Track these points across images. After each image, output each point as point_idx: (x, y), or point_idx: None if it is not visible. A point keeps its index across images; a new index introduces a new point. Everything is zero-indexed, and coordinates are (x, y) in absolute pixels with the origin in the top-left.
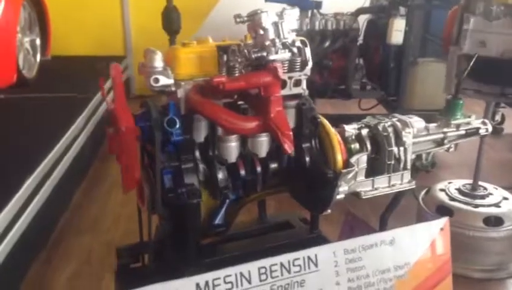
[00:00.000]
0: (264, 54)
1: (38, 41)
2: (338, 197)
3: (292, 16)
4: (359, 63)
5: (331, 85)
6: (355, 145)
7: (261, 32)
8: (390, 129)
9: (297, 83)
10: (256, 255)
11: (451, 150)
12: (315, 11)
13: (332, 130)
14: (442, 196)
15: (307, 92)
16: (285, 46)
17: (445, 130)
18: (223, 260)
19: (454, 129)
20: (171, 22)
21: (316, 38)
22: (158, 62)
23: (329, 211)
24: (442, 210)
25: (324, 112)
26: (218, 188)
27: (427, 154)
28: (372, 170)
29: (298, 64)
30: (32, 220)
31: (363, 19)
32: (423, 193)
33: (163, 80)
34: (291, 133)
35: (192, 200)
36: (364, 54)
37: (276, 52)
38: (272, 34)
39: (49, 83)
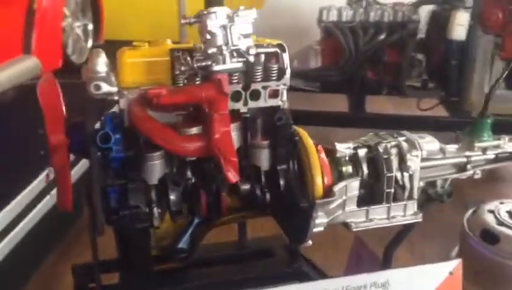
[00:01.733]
0: (209, 63)
1: (90, 26)
2: (316, 229)
3: (247, 17)
4: (417, 59)
5: (386, 82)
6: (348, 168)
7: (208, 37)
8: (393, 151)
9: (275, 94)
10: (218, 287)
11: (477, 176)
12: (372, 0)
13: (312, 149)
14: (490, 219)
15: (286, 105)
16: (238, 54)
17: (468, 153)
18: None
19: (480, 153)
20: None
21: (369, 30)
22: (101, 66)
23: (309, 242)
24: (487, 235)
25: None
26: (171, 211)
27: (443, 181)
28: (371, 198)
29: (274, 72)
30: None
31: (426, 11)
32: (470, 212)
33: (106, 87)
34: (236, 159)
35: (136, 225)
36: (425, 49)
37: (224, 62)
38: (220, 40)
39: None
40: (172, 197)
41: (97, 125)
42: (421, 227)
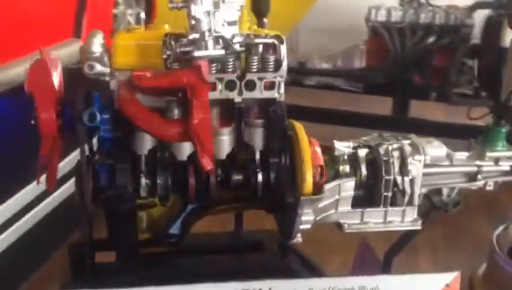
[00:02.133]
0: (190, 48)
1: (143, 15)
2: (302, 227)
3: (233, 4)
4: (467, 65)
5: (434, 87)
6: (345, 168)
7: (193, 22)
8: (395, 154)
9: (271, 86)
10: (204, 275)
11: (489, 188)
12: (424, 1)
13: (305, 145)
14: None
15: (282, 98)
16: (224, 42)
17: (478, 163)
18: (164, 274)
19: (491, 163)
20: (258, 2)
21: (418, 32)
22: (96, 47)
23: (299, 239)
24: None
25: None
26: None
27: (450, 189)
28: (369, 201)
29: (271, 63)
30: None
31: (481, 15)
32: (501, 228)
33: (99, 68)
34: (212, 146)
35: (120, 205)
36: (478, 55)
37: (206, 48)
38: (204, 26)
39: None
40: (159, 181)
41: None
42: (452, 239)
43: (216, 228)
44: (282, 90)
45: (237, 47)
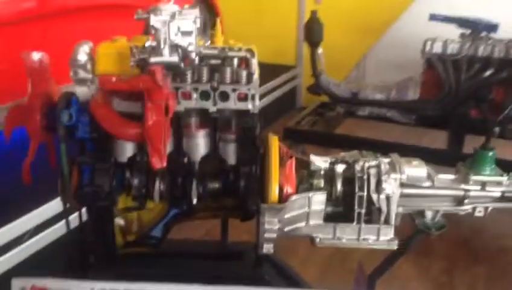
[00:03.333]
0: (146, 56)
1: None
2: (267, 235)
3: (188, 15)
4: None
5: (492, 122)
6: (319, 182)
7: (152, 31)
8: (372, 171)
9: (245, 98)
10: (178, 278)
11: (478, 214)
12: (483, 34)
13: (274, 156)
14: None
15: (256, 110)
16: (183, 51)
17: (464, 186)
18: (137, 273)
19: (477, 187)
20: (311, 33)
21: (475, 66)
22: (81, 55)
23: (269, 249)
24: None
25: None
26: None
27: (434, 212)
28: (345, 217)
29: (243, 76)
30: None
31: None
32: None
33: (82, 74)
34: (161, 147)
35: (96, 203)
36: None
37: (162, 55)
38: (162, 35)
39: None
40: (135, 182)
41: None
42: (493, 279)
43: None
44: (256, 102)
45: (193, 56)
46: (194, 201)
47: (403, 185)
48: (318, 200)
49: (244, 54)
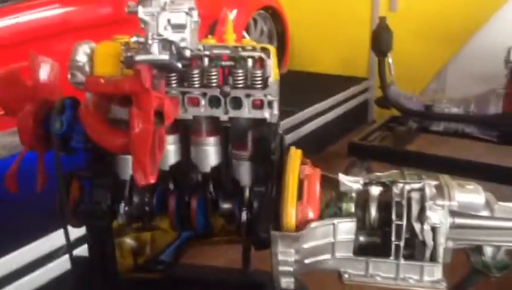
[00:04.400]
0: (132, 53)
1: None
2: (282, 268)
3: (180, 6)
4: None
5: None
6: (349, 206)
7: (142, 26)
8: (414, 195)
9: (260, 105)
10: None
11: None
12: None
13: (293, 173)
14: None
15: (275, 119)
16: (177, 49)
17: None
18: None
19: None
20: (379, 41)
21: None
22: (80, 56)
23: (289, 283)
24: None
25: None
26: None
27: (495, 249)
28: (383, 250)
29: (258, 79)
30: None
31: None
32: None
33: (80, 77)
34: (147, 160)
35: (92, 222)
36: None
37: (148, 52)
38: (151, 29)
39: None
40: (135, 199)
41: None
42: None
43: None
44: (274, 111)
45: (187, 54)
46: (202, 221)
47: (453, 213)
48: (346, 229)
49: (259, 53)
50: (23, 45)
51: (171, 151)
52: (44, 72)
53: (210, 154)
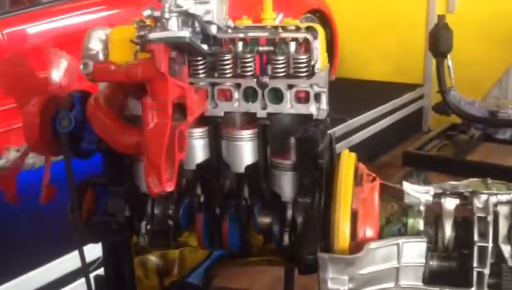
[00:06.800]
0: (146, 31)
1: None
2: None
3: None
4: None
5: None
6: (416, 222)
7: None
8: (502, 210)
9: (305, 98)
10: None
11: None
12: None
13: (346, 181)
14: None
15: (323, 115)
16: (200, 24)
17: None
18: None
19: None
20: (438, 41)
21: None
22: (94, 43)
23: None
24: None
25: None
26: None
27: None
28: (462, 278)
29: (302, 66)
30: None
31: None
32: None
33: (92, 67)
34: (162, 163)
35: (106, 236)
36: None
37: (165, 29)
38: (171, 2)
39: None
40: (156, 211)
41: None
42: None
43: None
44: (323, 105)
45: (213, 30)
46: (237, 239)
47: None
48: (414, 251)
49: (304, 34)
50: (67, 47)
51: (198, 147)
52: (61, 68)
53: (245, 150)
